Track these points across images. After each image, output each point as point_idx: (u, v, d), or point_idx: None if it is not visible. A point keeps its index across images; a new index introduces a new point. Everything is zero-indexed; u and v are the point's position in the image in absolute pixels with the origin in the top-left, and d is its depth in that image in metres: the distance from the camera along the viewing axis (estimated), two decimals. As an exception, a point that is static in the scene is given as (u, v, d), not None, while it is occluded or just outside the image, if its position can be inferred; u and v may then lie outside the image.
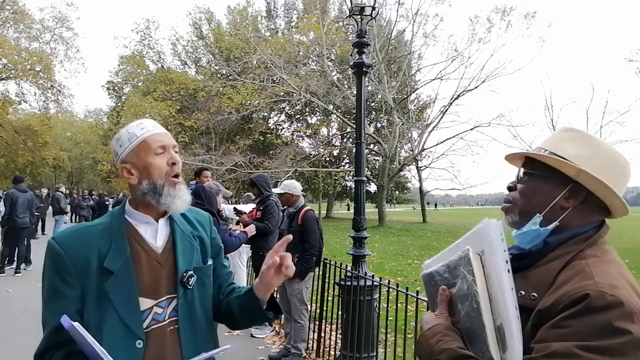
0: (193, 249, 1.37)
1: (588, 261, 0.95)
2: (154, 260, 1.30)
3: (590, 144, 1.03)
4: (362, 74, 4.10)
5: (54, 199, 13.64)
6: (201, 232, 1.44)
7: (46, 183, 43.20)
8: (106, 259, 1.23)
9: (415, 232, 20.78)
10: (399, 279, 7.79)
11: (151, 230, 1.32)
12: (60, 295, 1.21)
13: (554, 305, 0.89)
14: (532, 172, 1.08)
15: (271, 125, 31.36)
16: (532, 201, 1.06)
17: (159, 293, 1.28)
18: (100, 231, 1.28)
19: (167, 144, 1.31)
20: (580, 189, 1.01)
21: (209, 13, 33.38)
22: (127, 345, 1.21)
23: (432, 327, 1.04)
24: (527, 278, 1.00)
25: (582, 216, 1.02)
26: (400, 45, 26.99)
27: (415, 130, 27.30)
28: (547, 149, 1.06)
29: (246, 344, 4.87)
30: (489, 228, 0.98)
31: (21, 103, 31.48)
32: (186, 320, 1.30)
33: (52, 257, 1.23)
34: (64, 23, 30.61)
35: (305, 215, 4.43)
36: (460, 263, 1.01)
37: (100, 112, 49.54)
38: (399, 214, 41.91)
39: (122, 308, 1.21)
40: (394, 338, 3.79)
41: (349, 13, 4.17)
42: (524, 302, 0.96)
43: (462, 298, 1.01)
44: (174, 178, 1.30)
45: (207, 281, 1.40)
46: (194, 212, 1.48)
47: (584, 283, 0.89)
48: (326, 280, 4.56)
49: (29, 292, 7.07)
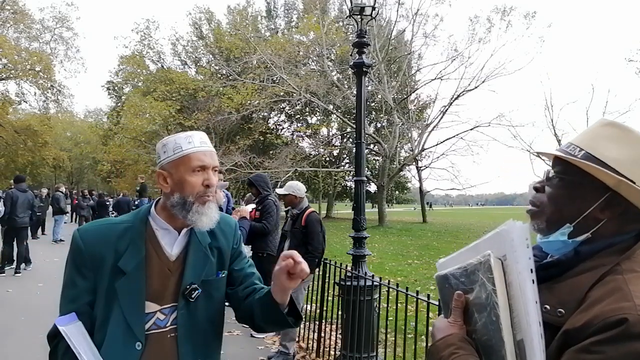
0: (206, 261, 1.37)
1: (625, 277, 0.83)
2: (166, 267, 1.32)
3: (635, 144, 0.89)
4: (362, 74, 4.09)
5: (53, 199, 13.65)
6: (221, 242, 1.43)
7: (46, 183, 43.19)
8: (121, 259, 1.27)
9: (415, 232, 20.78)
10: (399, 279, 7.79)
11: (169, 237, 1.34)
12: (74, 284, 1.28)
13: (585, 327, 0.79)
14: (563, 176, 0.94)
15: (271, 125, 31.35)
16: (561, 209, 0.93)
17: (163, 299, 1.30)
18: (121, 230, 1.31)
19: (207, 164, 1.31)
20: (619, 200, 0.88)
21: (209, 13, 33.38)
22: (126, 345, 1.23)
23: (445, 337, 0.95)
24: (553, 290, 0.89)
25: (619, 226, 0.90)
26: (400, 45, 27.00)
27: (415, 130, 27.30)
28: (583, 148, 0.91)
29: (246, 344, 4.87)
30: (513, 231, 0.87)
31: (21, 103, 31.53)
32: (186, 331, 1.31)
33: (73, 248, 1.30)
34: (64, 23, 30.67)
35: (308, 217, 4.42)
36: (480, 268, 0.92)
37: (100, 112, 49.63)
38: (398, 214, 41.93)
39: (127, 308, 1.25)
40: (394, 338, 3.78)
41: (349, 13, 4.17)
42: (548, 318, 0.86)
43: (480, 307, 0.92)
44: (205, 197, 1.30)
45: (215, 294, 1.39)
46: (222, 221, 1.45)
47: (621, 305, 0.78)
48: (326, 280, 4.56)
49: (28, 292, 7.07)
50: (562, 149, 0.96)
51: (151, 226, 1.33)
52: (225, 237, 1.44)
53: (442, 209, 77.50)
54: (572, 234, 0.92)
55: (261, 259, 5.27)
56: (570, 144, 0.95)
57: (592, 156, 0.89)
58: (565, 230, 0.92)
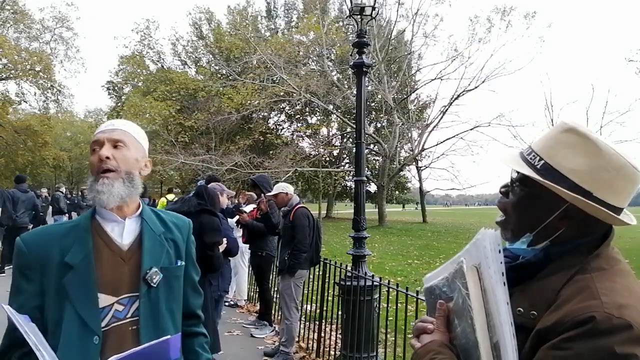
0: (163, 249, 1.34)
1: (593, 275, 0.87)
2: (118, 256, 1.29)
3: (593, 153, 0.89)
4: (362, 74, 4.10)
5: (53, 199, 13.64)
6: (176, 235, 1.41)
7: (46, 183, 43.19)
8: (67, 255, 1.24)
9: (415, 232, 20.78)
10: (399, 279, 7.79)
11: (119, 228, 1.32)
12: (19, 290, 1.24)
13: (556, 326, 0.83)
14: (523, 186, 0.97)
15: (271, 125, 31.33)
16: (523, 217, 0.97)
17: (119, 290, 1.26)
18: (66, 229, 1.29)
19: (100, 138, 1.29)
20: (577, 211, 0.90)
21: (209, 13, 33.37)
22: (83, 341, 1.20)
23: (426, 344, 0.97)
24: (525, 293, 0.92)
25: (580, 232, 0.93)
26: (400, 45, 27.02)
27: (415, 130, 27.32)
28: (543, 157, 0.94)
29: (246, 344, 4.87)
30: (486, 239, 0.93)
31: (21, 103, 31.46)
32: (148, 321, 1.27)
33: (16, 253, 1.27)
34: (64, 23, 30.58)
35: (296, 212, 4.47)
36: (456, 276, 0.96)
37: (100, 112, 49.53)
38: (398, 214, 41.91)
39: (78, 302, 1.20)
40: (394, 338, 3.79)
41: (349, 13, 4.17)
42: (522, 320, 0.89)
43: (459, 313, 0.96)
44: (102, 173, 1.27)
45: (176, 283, 1.36)
46: (173, 216, 1.47)
47: (588, 303, 0.82)
48: (326, 280, 4.56)
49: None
50: (524, 155, 0.99)
51: (97, 220, 1.32)
52: (180, 231, 1.43)
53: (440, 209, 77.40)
54: (533, 242, 0.96)
55: (260, 258, 5.30)
56: (531, 150, 0.97)
57: (550, 167, 0.92)
58: (525, 239, 0.97)
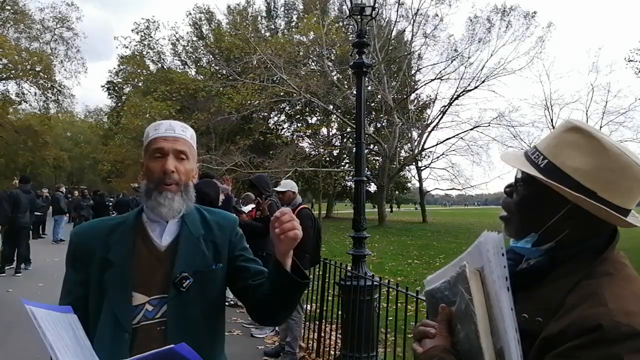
0: (199, 252, 1.33)
1: (599, 281, 0.85)
2: (154, 257, 1.31)
3: (597, 152, 0.87)
4: (362, 74, 4.09)
5: (53, 199, 13.66)
6: (217, 236, 1.39)
7: (46, 183, 43.16)
8: (110, 251, 1.29)
9: (415, 232, 20.79)
10: (399, 279, 7.79)
11: (160, 228, 1.34)
12: (68, 279, 1.34)
13: (562, 334, 0.81)
14: (527, 186, 0.96)
15: (271, 125, 31.32)
16: (527, 217, 0.96)
17: (151, 290, 1.28)
18: (113, 225, 1.35)
19: (164, 147, 1.30)
20: (581, 210, 0.88)
21: (209, 13, 33.38)
22: (115, 336, 1.23)
23: (429, 349, 0.95)
24: (531, 299, 0.90)
25: (589, 229, 0.91)
26: (400, 45, 27.03)
27: (415, 130, 27.35)
28: (547, 156, 0.92)
29: (246, 344, 4.87)
30: (488, 242, 0.90)
31: (21, 103, 31.49)
32: (176, 323, 1.27)
33: (69, 244, 1.37)
34: (64, 23, 30.65)
35: (300, 212, 4.45)
36: (459, 280, 0.94)
37: (101, 112, 49.49)
38: (398, 214, 41.90)
39: (114, 299, 1.25)
40: (394, 338, 3.79)
41: (349, 13, 4.17)
42: (527, 327, 0.87)
43: (461, 318, 0.94)
44: (164, 185, 1.29)
45: (209, 286, 1.34)
46: (219, 216, 1.45)
47: (596, 310, 0.79)
48: (326, 280, 4.56)
49: (29, 292, 7.07)
50: (528, 154, 0.97)
51: (142, 219, 1.35)
52: (222, 231, 1.41)
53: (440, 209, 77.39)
54: (537, 243, 0.95)
55: (261, 258, 5.27)
56: (536, 149, 0.96)
57: (554, 166, 0.91)
58: (529, 238, 0.95)
